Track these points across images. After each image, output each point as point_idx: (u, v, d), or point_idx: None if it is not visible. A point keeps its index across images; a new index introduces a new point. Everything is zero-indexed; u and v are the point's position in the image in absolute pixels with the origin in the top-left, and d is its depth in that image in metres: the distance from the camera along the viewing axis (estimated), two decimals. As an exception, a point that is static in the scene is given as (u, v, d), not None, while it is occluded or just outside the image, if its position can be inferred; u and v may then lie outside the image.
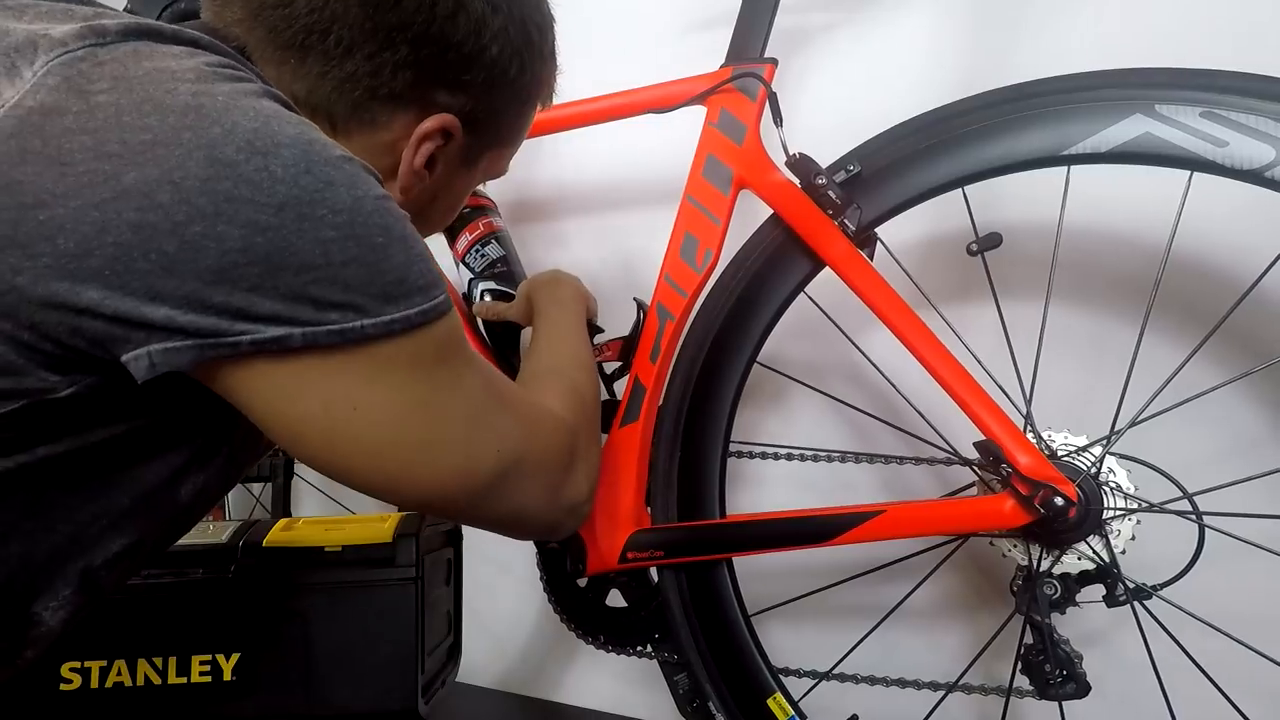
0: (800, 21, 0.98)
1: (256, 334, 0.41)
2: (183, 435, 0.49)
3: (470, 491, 0.53)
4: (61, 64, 0.40)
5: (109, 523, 0.47)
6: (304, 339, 0.41)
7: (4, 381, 0.39)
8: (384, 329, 0.44)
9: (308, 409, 0.44)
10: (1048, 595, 0.68)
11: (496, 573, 1.25)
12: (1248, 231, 0.77)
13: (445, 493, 0.52)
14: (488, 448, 0.53)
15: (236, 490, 1.50)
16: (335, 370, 0.43)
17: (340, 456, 0.47)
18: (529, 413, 0.58)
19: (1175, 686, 0.69)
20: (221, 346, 0.40)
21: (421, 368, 0.47)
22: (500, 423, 0.54)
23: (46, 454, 0.42)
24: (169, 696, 0.76)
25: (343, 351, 0.43)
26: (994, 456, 0.67)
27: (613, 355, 0.82)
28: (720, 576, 0.78)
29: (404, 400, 0.47)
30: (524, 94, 0.60)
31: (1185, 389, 0.69)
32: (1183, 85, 0.61)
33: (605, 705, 1.17)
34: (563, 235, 1.18)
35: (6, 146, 0.38)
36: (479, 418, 0.52)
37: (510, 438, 0.54)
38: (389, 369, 0.45)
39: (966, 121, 0.69)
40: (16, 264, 0.38)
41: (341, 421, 0.45)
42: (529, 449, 0.56)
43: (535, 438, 0.58)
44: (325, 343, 0.42)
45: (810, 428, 1.03)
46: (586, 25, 1.13)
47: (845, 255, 0.71)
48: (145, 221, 0.38)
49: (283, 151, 0.41)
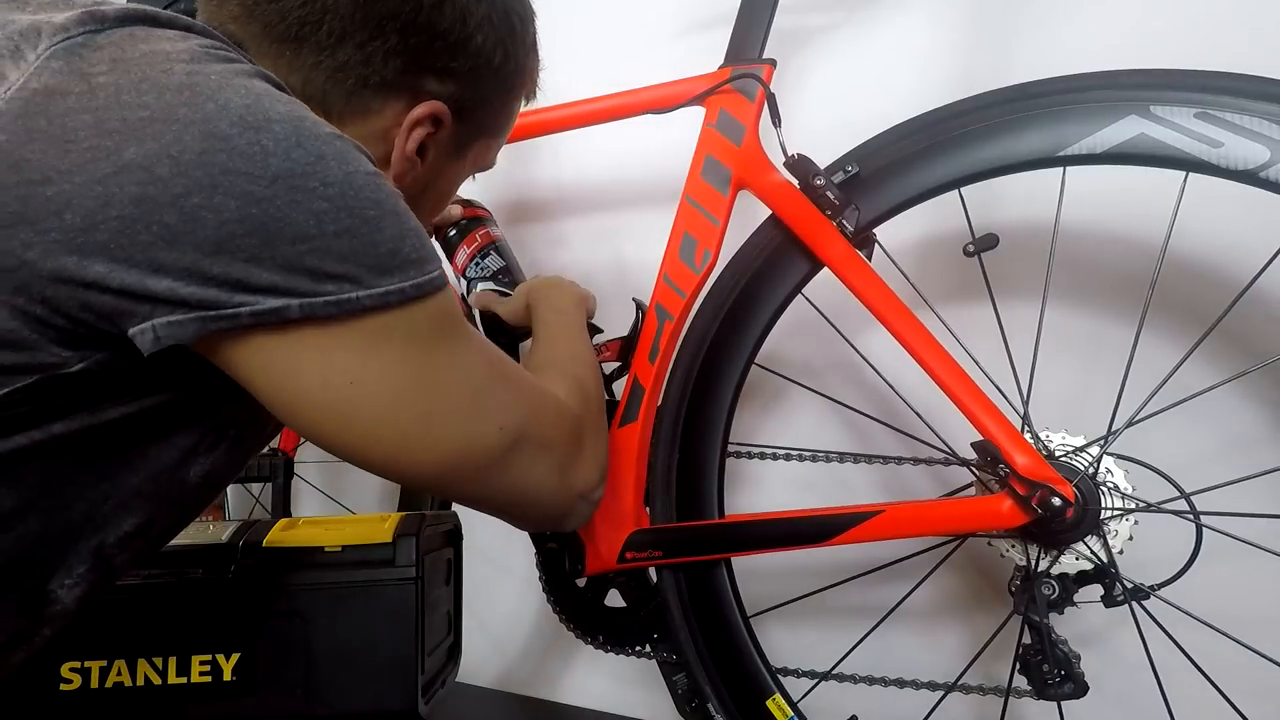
0: (799, 22, 0.99)
1: (255, 305, 0.42)
2: (192, 416, 0.50)
3: (473, 468, 0.52)
4: (63, 48, 0.42)
5: (120, 501, 0.48)
6: (301, 310, 0.42)
7: (18, 356, 0.41)
8: (379, 300, 0.44)
9: (306, 383, 0.45)
10: (1046, 595, 0.68)
11: (496, 573, 1.25)
12: (1243, 232, 0.77)
13: (446, 469, 0.51)
14: (489, 423, 0.52)
15: (236, 490, 1.51)
16: (332, 343, 0.44)
17: (339, 431, 0.47)
18: (532, 393, 0.58)
19: (1173, 686, 0.69)
20: (222, 319, 0.41)
21: (418, 341, 0.47)
22: (502, 399, 0.54)
23: (61, 431, 0.43)
24: (169, 696, 0.76)
25: (339, 324, 0.44)
26: (991, 457, 0.67)
27: (611, 355, 0.82)
28: (719, 577, 0.78)
29: (401, 374, 0.47)
30: (509, 82, 0.62)
31: (1182, 389, 0.69)
32: (1177, 86, 0.61)
33: (604, 705, 1.17)
34: (562, 235, 1.18)
35: (14, 127, 0.40)
36: (479, 393, 0.52)
37: (513, 414, 0.54)
38: (385, 342, 0.46)
39: (964, 122, 0.69)
40: (27, 239, 0.39)
41: (339, 396, 0.45)
42: (532, 426, 0.56)
43: (539, 415, 0.57)
44: (322, 314, 0.43)
45: (809, 428, 1.03)
46: (586, 26, 1.13)
47: (843, 256, 0.71)
48: (146, 195, 0.40)
49: (274, 126, 0.42)
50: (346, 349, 0.45)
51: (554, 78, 1.15)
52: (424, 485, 0.54)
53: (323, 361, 0.44)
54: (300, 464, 1.29)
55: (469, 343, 0.52)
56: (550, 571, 0.84)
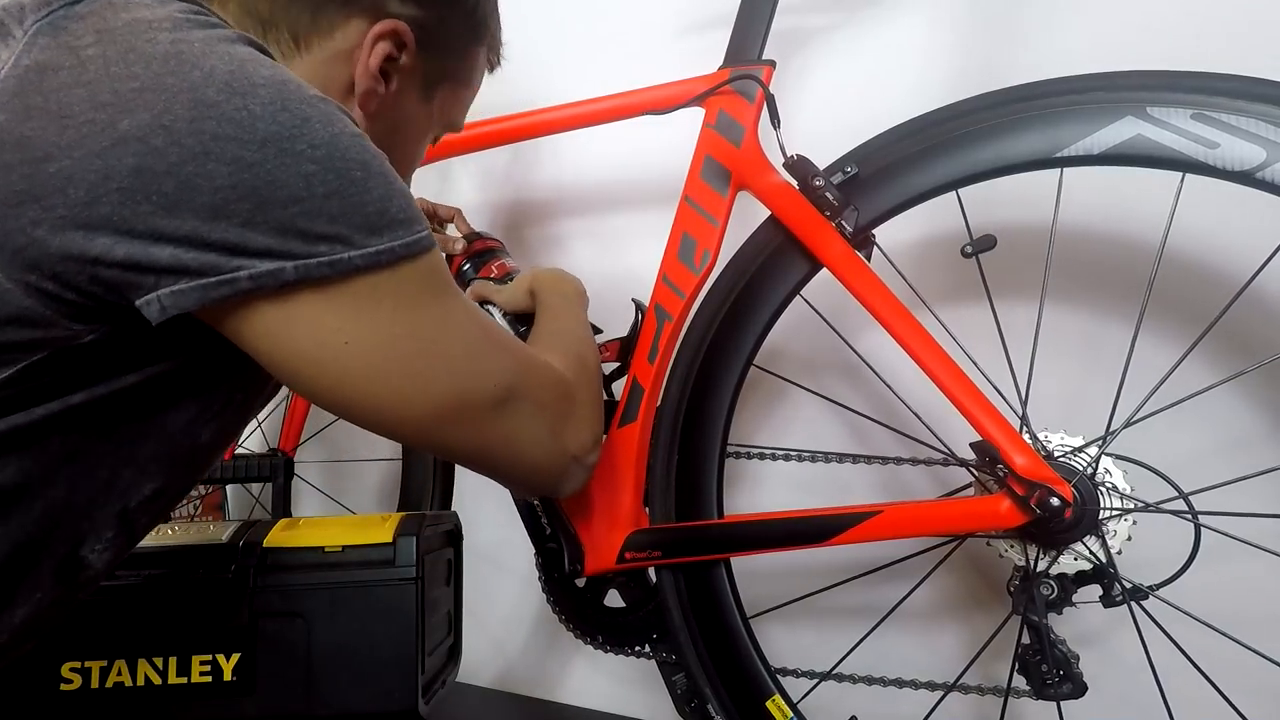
0: (798, 23, 0.99)
1: (252, 269, 0.42)
2: (201, 381, 0.51)
3: (468, 419, 0.53)
4: (48, 23, 0.43)
5: (140, 467, 0.50)
6: (296, 272, 0.43)
7: (34, 332, 0.42)
8: (371, 260, 0.45)
9: (303, 344, 0.46)
10: (1044, 595, 0.68)
11: (496, 573, 1.26)
12: (1240, 232, 0.77)
13: (441, 420, 0.52)
14: (483, 379, 0.54)
15: (236, 490, 1.51)
16: (327, 304, 0.45)
17: (336, 389, 0.48)
18: (524, 355, 0.59)
19: (1172, 686, 0.69)
20: (222, 284, 0.42)
21: (409, 299, 0.48)
22: (495, 358, 0.55)
23: (78, 401, 0.45)
24: (169, 696, 0.76)
25: (333, 285, 0.45)
26: (990, 457, 0.67)
27: (611, 356, 0.82)
28: (718, 577, 0.78)
29: (394, 332, 0.48)
30: (472, 23, 0.64)
31: (1180, 389, 0.69)
32: (1174, 87, 0.61)
33: (604, 705, 1.17)
34: (561, 236, 1.18)
35: (13, 105, 0.41)
36: (472, 351, 0.53)
37: (505, 373, 0.55)
38: (377, 301, 0.47)
39: (962, 124, 0.69)
40: (35, 217, 0.40)
41: (334, 354, 0.47)
42: (525, 386, 0.57)
43: (531, 376, 0.58)
44: (317, 275, 0.44)
45: (807, 429, 1.03)
46: (586, 26, 1.13)
47: (843, 256, 0.71)
48: (144, 165, 0.40)
49: (259, 91, 0.43)
50: (340, 309, 0.46)
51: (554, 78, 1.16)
52: (421, 440, 0.55)
53: (318, 322, 0.46)
54: (300, 464, 1.29)
55: (459, 301, 0.53)
56: (550, 571, 0.84)
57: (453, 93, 0.66)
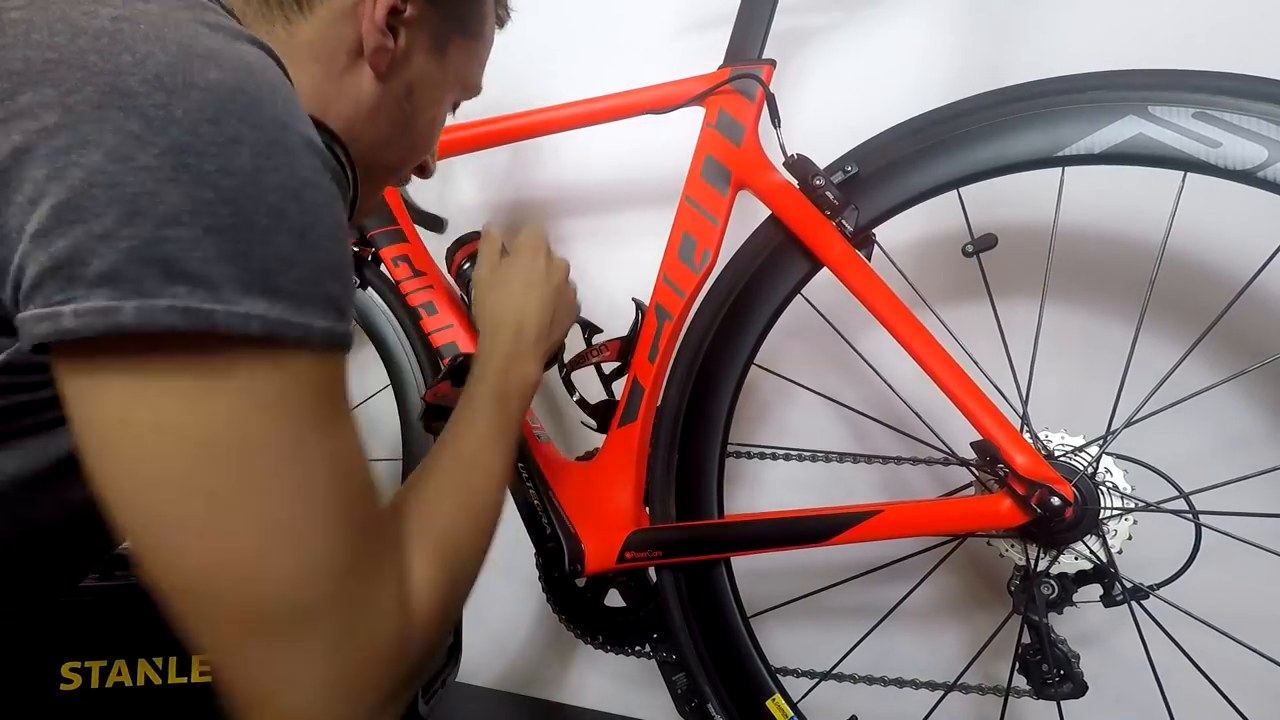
0: (798, 23, 0.99)
1: (81, 302, 0.32)
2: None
3: (229, 618, 0.37)
4: None
5: None
6: (137, 314, 0.33)
7: None
8: (237, 324, 0.34)
9: (102, 413, 0.35)
10: (1045, 595, 0.68)
11: (496, 573, 1.25)
12: (1241, 231, 0.77)
13: (195, 599, 0.37)
14: (291, 575, 0.37)
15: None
16: (158, 367, 0.34)
17: (108, 488, 0.36)
18: (369, 565, 0.41)
19: (1172, 685, 0.69)
20: (43, 320, 0.33)
21: (268, 406, 0.36)
22: (328, 553, 0.38)
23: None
24: (169, 696, 0.76)
25: (177, 343, 0.34)
26: (991, 457, 0.67)
27: (611, 355, 0.82)
28: (718, 577, 0.78)
29: (222, 444, 0.35)
30: None
31: (1181, 388, 0.69)
32: (1175, 86, 0.61)
33: (604, 705, 1.17)
34: (562, 235, 1.18)
35: None
36: (304, 516, 0.38)
37: (327, 582, 0.38)
38: (222, 385, 0.35)
39: (963, 123, 0.69)
40: None
41: (130, 437, 0.35)
42: (339, 617, 0.39)
43: (357, 607, 0.40)
44: (162, 323, 0.33)
45: (808, 428, 1.03)
46: (586, 26, 1.13)
47: (843, 256, 0.71)
48: (26, 145, 0.33)
49: (193, 93, 0.35)
50: (172, 378, 0.34)
51: (555, 78, 1.15)
52: (163, 599, 0.38)
53: (132, 389, 0.34)
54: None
55: (335, 446, 0.39)
56: (550, 571, 0.84)
57: (465, 46, 0.62)
